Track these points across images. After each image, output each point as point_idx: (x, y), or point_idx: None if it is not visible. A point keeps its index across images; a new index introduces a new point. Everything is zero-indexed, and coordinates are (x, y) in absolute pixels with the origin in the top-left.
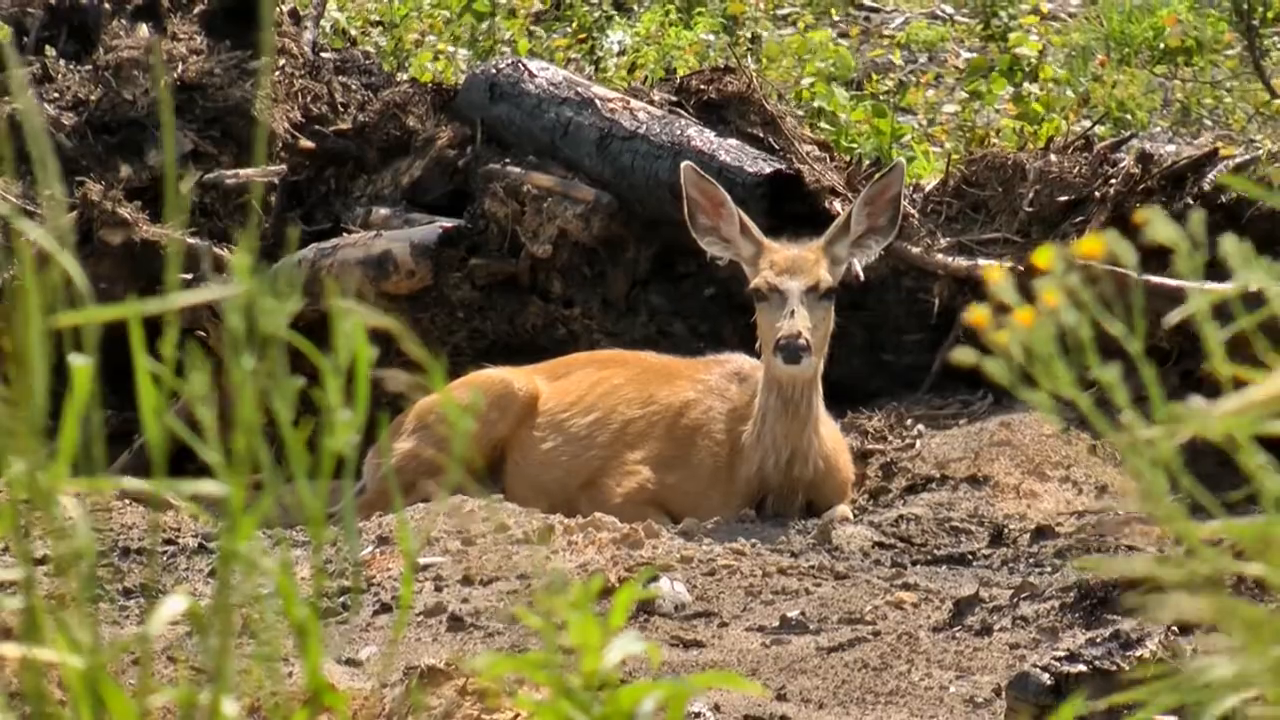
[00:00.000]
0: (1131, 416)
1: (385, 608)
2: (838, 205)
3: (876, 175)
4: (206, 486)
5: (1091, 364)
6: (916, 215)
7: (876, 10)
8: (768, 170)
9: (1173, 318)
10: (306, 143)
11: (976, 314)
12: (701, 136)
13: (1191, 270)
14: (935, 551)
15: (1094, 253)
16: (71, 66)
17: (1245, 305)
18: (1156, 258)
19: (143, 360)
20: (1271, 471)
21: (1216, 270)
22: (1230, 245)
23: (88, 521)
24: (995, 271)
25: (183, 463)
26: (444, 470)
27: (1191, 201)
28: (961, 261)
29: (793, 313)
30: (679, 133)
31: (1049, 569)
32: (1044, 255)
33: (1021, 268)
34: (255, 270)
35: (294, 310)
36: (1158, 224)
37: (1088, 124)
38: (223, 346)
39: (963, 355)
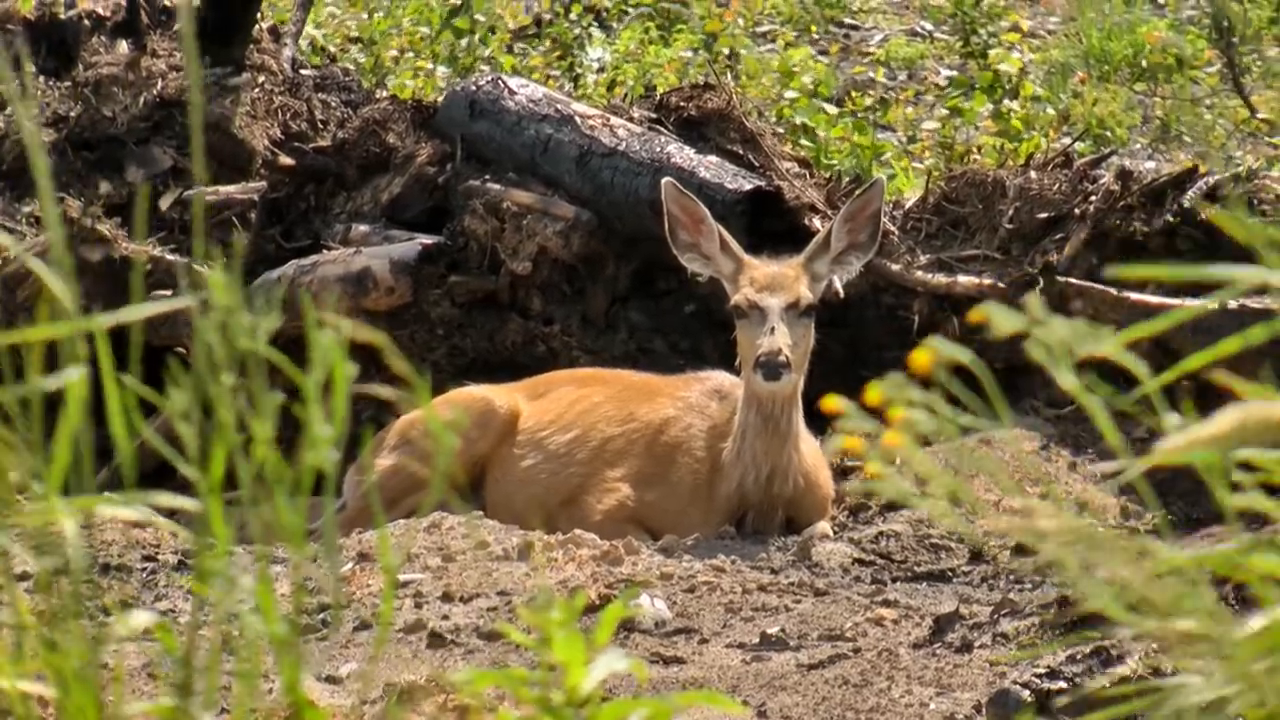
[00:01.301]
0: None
1: (365, 624)
2: (818, 222)
3: (856, 192)
4: (185, 503)
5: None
6: (896, 232)
7: (856, 27)
8: (748, 187)
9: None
10: (286, 160)
11: (851, 443)
12: (681, 153)
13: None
14: (915, 568)
15: (923, 366)
16: (51, 83)
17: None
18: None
19: (111, 376)
20: (1253, 493)
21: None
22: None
23: (79, 538)
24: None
25: (164, 478)
26: (425, 486)
27: (1171, 218)
28: (941, 278)
29: (773, 329)
30: (659, 150)
31: (1029, 586)
32: (873, 393)
33: (1002, 285)
34: (233, 287)
35: (272, 327)
36: (998, 319)
37: (1068, 141)
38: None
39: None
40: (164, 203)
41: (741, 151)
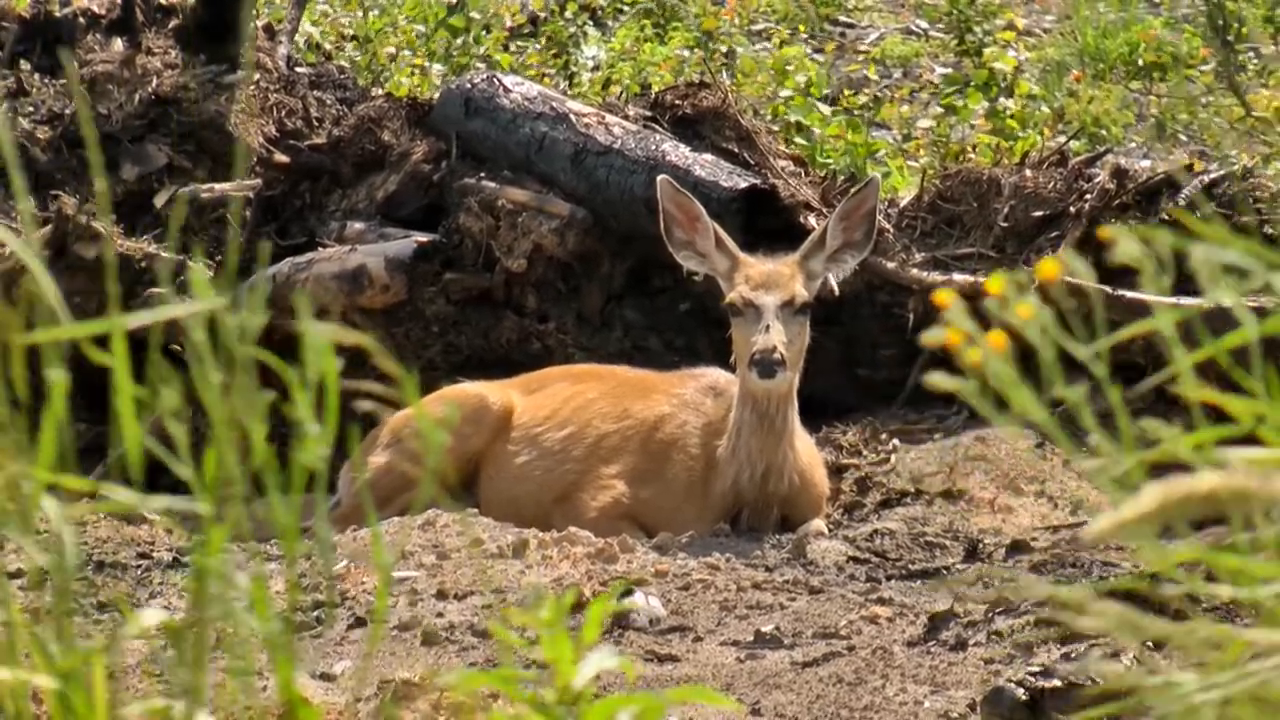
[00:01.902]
0: (1099, 439)
1: (359, 622)
2: (813, 220)
3: (852, 190)
4: (179, 502)
5: (1058, 385)
6: (891, 230)
7: (851, 26)
8: (743, 185)
9: (1121, 335)
10: (281, 157)
11: (933, 338)
12: (676, 151)
13: (1159, 289)
14: (910, 566)
15: (1052, 275)
16: (46, 80)
17: (1215, 321)
18: (1131, 272)
19: (126, 377)
20: None
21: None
22: (1200, 259)
23: (71, 534)
24: (945, 296)
25: (157, 477)
26: (418, 484)
27: (1166, 217)
28: (936, 276)
29: (768, 327)
30: (654, 148)
31: (1023, 584)
32: (996, 283)
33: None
34: (225, 285)
35: (261, 325)
36: (1124, 243)
37: (1063, 139)
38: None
39: (937, 380)
40: (159, 200)
41: (737, 149)
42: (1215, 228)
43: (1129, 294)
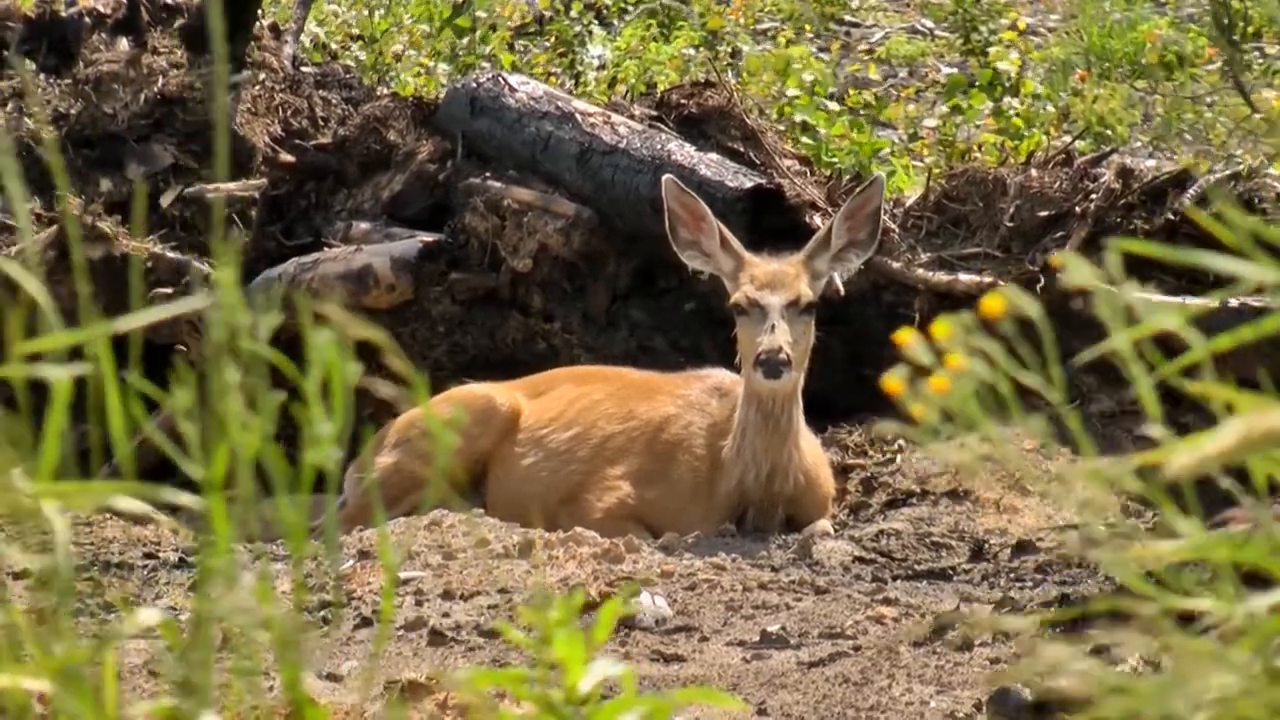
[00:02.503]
0: (1086, 446)
1: (366, 622)
2: (818, 220)
3: (857, 190)
4: (186, 499)
5: (1016, 415)
6: (897, 230)
7: (856, 25)
8: (748, 185)
9: (1084, 356)
10: (287, 157)
11: (891, 382)
12: (682, 151)
13: (1112, 313)
14: (916, 566)
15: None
16: (51, 80)
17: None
18: (1135, 274)
19: (111, 377)
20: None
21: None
22: (1136, 295)
23: (68, 535)
24: (905, 334)
25: (164, 476)
26: (426, 484)
27: (1172, 216)
28: (942, 276)
29: (773, 327)
30: (659, 147)
31: (1030, 584)
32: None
33: (1002, 283)
34: (236, 286)
35: (274, 325)
36: (1074, 268)
37: (1068, 139)
38: (203, 360)
39: (885, 427)
40: (165, 200)
41: (742, 149)
42: (1229, 226)
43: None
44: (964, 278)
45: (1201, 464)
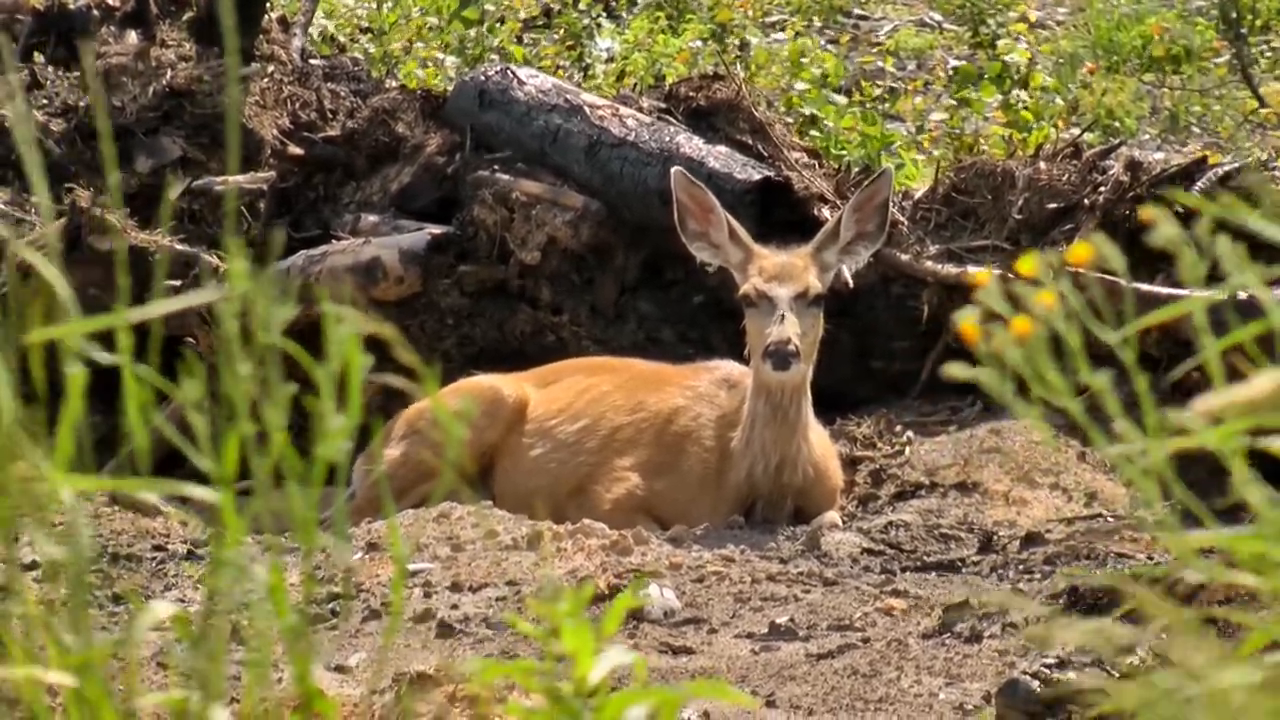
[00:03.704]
0: (1125, 425)
1: (375, 614)
2: (826, 212)
3: (865, 182)
4: (197, 491)
5: (1083, 372)
6: (905, 222)
7: (865, 17)
8: (757, 177)
9: (1143, 322)
10: (295, 149)
11: (967, 324)
12: (690, 143)
13: (1195, 278)
14: (924, 558)
15: (1083, 259)
16: (60, 73)
17: (1239, 311)
18: (1146, 264)
19: (129, 368)
20: (1258, 484)
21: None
22: (1225, 248)
23: (85, 526)
24: (983, 276)
25: (173, 468)
26: (434, 476)
27: (1181, 209)
28: (950, 269)
29: (782, 319)
30: (668, 140)
31: (1039, 576)
32: (1027, 263)
33: (1010, 275)
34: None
35: (289, 317)
36: (1163, 226)
37: (1076, 131)
38: (213, 353)
39: (955, 369)
40: (172, 192)
41: (751, 141)
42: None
43: (1144, 285)
44: (973, 270)
45: (1230, 411)
